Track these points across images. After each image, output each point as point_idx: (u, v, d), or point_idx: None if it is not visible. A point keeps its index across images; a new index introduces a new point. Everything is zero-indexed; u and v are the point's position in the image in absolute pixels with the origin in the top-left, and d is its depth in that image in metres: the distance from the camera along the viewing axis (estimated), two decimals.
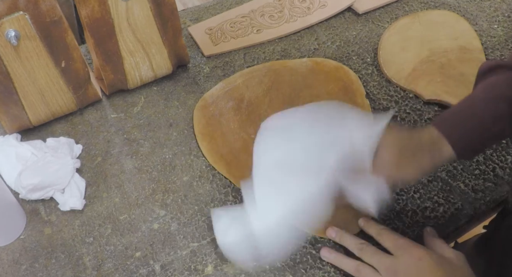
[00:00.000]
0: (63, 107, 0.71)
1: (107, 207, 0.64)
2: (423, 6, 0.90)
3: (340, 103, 0.62)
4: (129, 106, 0.75)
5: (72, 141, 0.69)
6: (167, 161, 0.69)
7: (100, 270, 0.58)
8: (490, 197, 0.65)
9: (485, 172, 0.67)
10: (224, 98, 0.75)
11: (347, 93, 0.75)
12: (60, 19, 0.63)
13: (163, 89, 0.77)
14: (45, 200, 0.64)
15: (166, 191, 0.65)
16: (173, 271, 0.58)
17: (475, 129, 0.52)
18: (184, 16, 0.89)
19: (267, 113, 0.72)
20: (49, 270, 0.58)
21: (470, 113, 0.53)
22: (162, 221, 0.63)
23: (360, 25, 0.88)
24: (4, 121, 0.68)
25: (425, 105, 0.75)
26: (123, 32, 0.68)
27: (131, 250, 0.60)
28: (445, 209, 0.64)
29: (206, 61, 0.82)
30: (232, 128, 0.71)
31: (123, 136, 0.71)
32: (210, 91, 0.76)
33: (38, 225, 0.62)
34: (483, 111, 0.52)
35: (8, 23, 0.59)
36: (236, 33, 0.85)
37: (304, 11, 0.89)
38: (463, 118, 0.53)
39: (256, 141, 0.62)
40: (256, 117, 0.73)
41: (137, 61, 0.73)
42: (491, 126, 0.52)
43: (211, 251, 0.60)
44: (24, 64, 0.63)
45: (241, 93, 0.76)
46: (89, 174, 0.67)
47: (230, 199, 0.65)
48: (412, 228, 0.62)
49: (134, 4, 0.66)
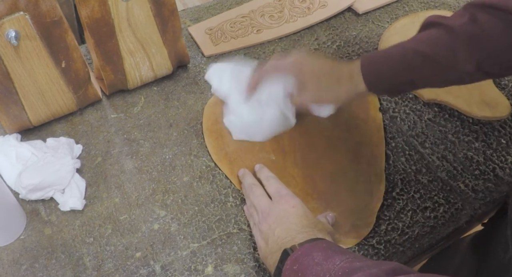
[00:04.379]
0: (63, 107, 0.71)
1: (107, 207, 0.64)
2: (423, 6, 0.90)
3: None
4: (129, 106, 0.75)
5: (72, 141, 0.69)
6: (167, 161, 0.69)
7: (100, 270, 0.58)
8: (490, 197, 0.65)
9: (485, 173, 0.68)
10: None
11: (361, 104, 0.74)
12: (60, 19, 0.63)
13: (163, 89, 0.77)
14: (45, 200, 0.64)
15: (166, 192, 0.65)
16: (173, 272, 0.58)
17: (389, 74, 0.59)
18: (184, 16, 0.89)
19: None
20: (49, 270, 0.58)
21: (390, 59, 0.58)
22: (162, 221, 0.63)
23: (360, 25, 0.88)
24: (4, 121, 0.68)
25: (425, 105, 0.75)
26: (123, 32, 0.68)
27: (131, 251, 0.60)
28: (445, 209, 0.64)
29: (206, 61, 0.82)
30: None
31: (123, 136, 0.71)
32: None
33: (38, 225, 0.62)
34: (399, 60, 0.58)
35: (9, 23, 0.59)
36: (236, 33, 0.85)
37: (304, 11, 0.89)
38: (383, 61, 0.59)
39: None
40: None
41: (137, 61, 0.73)
42: (403, 74, 0.58)
43: (211, 251, 0.60)
44: (24, 64, 0.63)
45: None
46: (89, 174, 0.67)
47: (230, 200, 0.65)
48: (412, 228, 0.62)
49: (134, 4, 0.66)
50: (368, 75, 0.59)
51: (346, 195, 0.64)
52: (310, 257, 0.47)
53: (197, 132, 0.72)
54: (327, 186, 0.65)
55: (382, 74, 0.59)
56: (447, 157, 0.69)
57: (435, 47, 0.55)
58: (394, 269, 0.42)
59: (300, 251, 0.49)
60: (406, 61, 0.57)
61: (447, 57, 0.55)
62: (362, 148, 0.69)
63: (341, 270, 0.44)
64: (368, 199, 0.64)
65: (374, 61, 0.59)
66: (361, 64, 0.60)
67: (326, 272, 0.44)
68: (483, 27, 0.53)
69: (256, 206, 0.58)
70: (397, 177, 0.67)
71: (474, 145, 0.70)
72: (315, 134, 0.71)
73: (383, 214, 0.63)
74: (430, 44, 0.56)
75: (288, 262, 0.49)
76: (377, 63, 0.59)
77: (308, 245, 0.49)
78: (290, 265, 0.48)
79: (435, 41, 0.56)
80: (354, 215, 0.62)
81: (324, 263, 0.46)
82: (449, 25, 0.55)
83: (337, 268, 0.44)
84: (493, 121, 0.73)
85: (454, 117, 0.74)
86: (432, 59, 0.56)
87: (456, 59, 0.54)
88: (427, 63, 0.56)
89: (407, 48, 0.57)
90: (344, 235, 0.61)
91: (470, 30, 0.53)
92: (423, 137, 0.71)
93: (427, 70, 0.57)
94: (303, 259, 0.47)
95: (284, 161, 0.68)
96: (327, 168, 0.67)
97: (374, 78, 0.59)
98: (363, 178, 0.66)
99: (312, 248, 0.49)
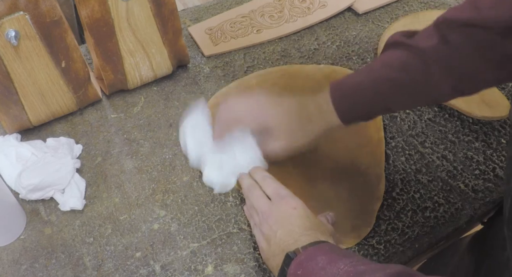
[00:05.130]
0: (63, 107, 0.71)
1: (107, 207, 0.64)
2: (423, 6, 0.90)
3: None
4: (129, 106, 0.75)
5: (72, 141, 0.69)
6: (167, 161, 0.69)
7: (100, 270, 0.58)
8: (490, 197, 0.65)
9: (485, 172, 0.68)
10: None
11: None
12: (60, 19, 0.63)
13: (163, 89, 0.77)
14: (45, 200, 0.64)
15: (166, 192, 0.65)
16: (173, 272, 0.58)
17: (364, 106, 0.57)
18: (184, 16, 0.89)
19: None
20: (49, 270, 0.58)
21: (363, 91, 0.56)
22: (162, 221, 0.63)
23: (360, 25, 0.88)
24: (4, 121, 0.68)
25: (425, 105, 0.75)
26: (123, 32, 0.68)
27: (131, 250, 0.60)
28: (445, 209, 0.64)
29: (206, 61, 0.82)
30: None
31: (123, 136, 0.71)
32: (223, 89, 0.76)
33: (38, 225, 0.62)
34: (373, 91, 0.56)
35: (8, 23, 0.59)
36: (236, 33, 0.85)
37: (304, 11, 0.89)
38: (356, 94, 0.57)
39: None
40: None
41: (137, 61, 0.73)
42: (378, 104, 0.57)
43: (211, 251, 0.60)
44: (24, 64, 0.63)
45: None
46: (89, 174, 0.67)
47: (230, 200, 0.65)
48: (412, 228, 0.62)
49: (134, 4, 0.66)
50: (342, 110, 0.57)
51: (346, 195, 0.64)
52: (314, 262, 0.47)
53: None
54: (327, 186, 0.65)
55: (356, 107, 0.57)
56: (447, 157, 0.69)
57: (408, 73, 0.54)
58: (399, 273, 0.41)
59: (303, 255, 0.48)
60: (380, 92, 0.56)
61: (422, 83, 0.54)
62: (362, 148, 0.69)
63: (346, 274, 0.43)
64: (368, 199, 0.64)
65: (346, 94, 0.57)
66: (332, 98, 0.57)
67: (331, 276, 0.44)
68: (455, 49, 0.51)
69: (255, 207, 0.58)
70: (397, 177, 0.67)
71: (474, 145, 0.70)
72: None
73: (383, 214, 0.63)
74: (402, 70, 0.54)
75: (292, 267, 0.48)
76: (349, 97, 0.57)
77: (312, 249, 0.49)
78: (294, 269, 0.48)
79: (406, 67, 0.54)
80: (354, 215, 0.62)
81: (328, 267, 0.45)
82: (418, 48, 0.53)
83: (342, 272, 0.44)
84: (493, 121, 0.73)
85: (454, 117, 0.74)
86: (406, 85, 0.54)
87: (431, 83, 0.53)
88: (402, 91, 0.55)
89: (379, 77, 0.55)
90: (344, 235, 0.61)
91: (442, 53, 0.52)
92: (423, 137, 0.71)
93: (402, 97, 0.56)
94: (307, 264, 0.47)
95: (284, 161, 0.68)
96: (327, 168, 0.67)
97: (348, 112, 0.58)
98: (363, 178, 0.66)
99: (315, 251, 0.48)
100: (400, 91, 0.55)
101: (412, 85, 0.54)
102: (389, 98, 0.56)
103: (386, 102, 0.57)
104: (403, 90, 0.55)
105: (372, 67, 0.57)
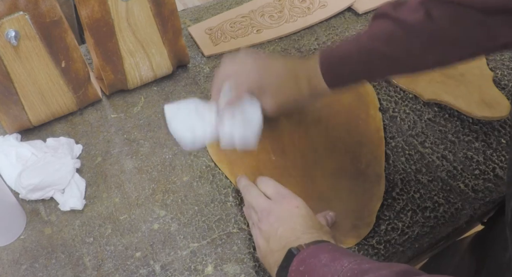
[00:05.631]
0: (63, 107, 0.71)
1: (107, 207, 0.64)
2: None
3: None
4: (129, 106, 0.75)
5: (72, 141, 0.69)
6: (167, 161, 0.69)
7: (100, 270, 0.58)
8: (490, 197, 0.65)
9: (485, 172, 0.68)
10: None
11: (361, 104, 0.74)
12: (60, 19, 0.63)
13: (163, 89, 0.77)
14: (45, 200, 0.64)
15: (166, 192, 0.65)
16: (173, 271, 0.58)
17: (349, 74, 0.60)
18: (184, 16, 0.89)
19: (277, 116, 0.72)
20: (49, 270, 0.58)
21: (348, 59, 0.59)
22: (162, 221, 0.63)
23: (360, 25, 0.88)
24: (4, 121, 0.68)
25: (425, 105, 0.75)
26: (123, 32, 0.68)
27: (131, 250, 0.60)
28: (445, 209, 0.64)
29: (206, 61, 0.82)
30: None
31: (123, 136, 0.71)
32: None
33: (38, 225, 0.62)
34: (358, 61, 0.58)
35: (8, 23, 0.59)
36: (236, 33, 0.85)
37: (304, 11, 0.89)
38: (342, 62, 0.59)
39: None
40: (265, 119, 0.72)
41: (137, 61, 0.73)
42: (362, 73, 0.60)
43: (211, 251, 0.60)
44: (24, 64, 0.63)
45: None
46: (89, 174, 0.67)
47: (230, 200, 0.65)
48: (412, 228, 0.62)
49: (134, 4, 0.66)
50: (328, 76, 0.60)
51: (346, 195, 0.64)
52: (317, 259, 0.46)
53: None
54: (327, 186, 0.65)
55: (342, 74, 0.60)
56: (447, 157, 0.69)
57: (391, 45, 0.56)
58: (405, 271, 0.41)
59: (306, 252, 0.48)
60: (365, 61, 0.58)
61: (404, 55, 0.56)
62: (362, 148, 0.69)
63: (350, 272, 0.43)
64: (368, 199, 0.64)
65: (333, 62, 0.60)
66: (320, 65, 0.60)
67: (334, 273, 0.44)
68: (438, 25, 0.53)
69: (254, 206, 0.58)
70: (397, 177, 0.67)
71: (474, 145, 0.70)
72: (315, 134, 0.71)
73: (383, 214, 0.63)
74: (387, 42, 0.56)
75: (295, 263, 0.48)
76: (336, 65, 0.60)
77: (314, 247, 0.49)
78: (297, 266, 0.48)
79: (391, 38, 0.56)
80: (354, 215, 0.62)
81: (331, 265, 0.45)
82: (403, 21, 0.55)
83: (346, 269, 0.44)
84: (493, 121, 0.73)
85: (454, 117, 0.74)
86: (389, 57, 0.56)
87: (412, 56, 0.56)
88: (386, 62, 0.57)
89: (365, 47, 0.58)
90: (344, 235, 0.61)
91: (426, 27, 0.53)
92: (423, 137, 0.71)
93: (386, 68, 0.59)
94: (309, 260, 0.47)
95: (284, 161, 0.68)
96: (327, 168, 0.67)
97: (334, 78, 0.60)
98: (363, 178, 0.66)
99: (318, 249, 0.48)
100: (384, 62, 0.58)
101: (395, 56, 0.56)
102: (372, 67, 0.59)
103: (369, 71, 0.60)
104: (387, 61, 0.57)
105: (359, 38, 0.59)
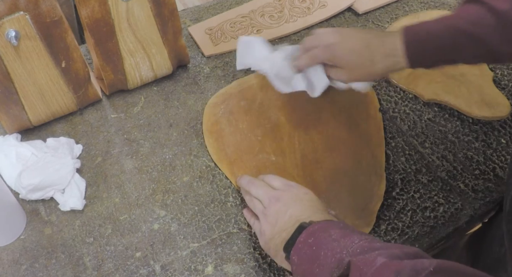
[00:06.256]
0: (63, 107, 0.71)
1: (107, 207, 0.64)
2: (423, 6, 0.90)
3: None
4: (129, 106, 0.75)
5: (72, 141, 0.69)
6: (167, 161, 0.69)
7: (100, 270, 0.58)
8: (490, 197, 0.65)
9: (485, 172, 0.68)
10: (237, 97, 0.75)
11: (361, 104, 0.74)
12: (60, 19, 0.63)
13: (163, 89, 0.77)
14: (45, 200, 0.64)
15: (166, 192, 0.65)
16: (173, 272, 0.58)
17: (434, 54, 0.58)
18: (184, 16, 0.89)
19: (277, 117, 0.72)
20: (49, 270, 0.58)
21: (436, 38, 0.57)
22: (162, 221, 0.63)
23: (360, 25, 0.88)
24: (4, 121, 0.68)
25: (425, 105, 0.75)
26: (123, 32, 0.68)
27: (131, 251, 0.60)
28: (445, 209, 0.64)
29: (206, 61, 0.82)
30: (241, 128, 0.71)
31: (123, 136, 0.71)
32: (224, 89, 0.76)
33: (38, 225, 0.62)
34: (446, 41, 0.57)
35: (9, 23, 0.59)
36: (236, 33, 0.85)
37: (304, 11, 0.89)
38: (429, 41, 0.57)
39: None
40: (265, 119, 0.72)
41: (137, 61, 0.73)
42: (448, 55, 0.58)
43: (211, 251, 0.60)
44: (24, 64, 0.63)
45: (254, 94, 0.75)
46: (89, 174, 0.67)
47: (230, 200, 0.65)
48: (412, 228, 0.62)
49: (134, 4, 0.66)
50: (412, 53, 0.58)
51: (346, 195, 0.64)
52: (327, 233, 0.46)
53: (197, 132, 0.72)
54: (327, 186, 0.65)
55: (426, 53, 0.58)
56: (447, 157, 0.69)
57: (481, 28, 0.55)
58: (415, 253, 0.41)
59: (317, 225, 0.48)
60: (452, 42, 0.56)
61: (491, 40, 0.55)
62: (362, 148, 0.69)
63: (360, 248, 0.43)
64: (368, 199, 0.64)
65: (419, 39, 0.58)
66: (405, 42, 0.58)
67: (343, 248, 0.44)
68: None
69: (260, 195, 0.58)
70: (397, 177, 0.67)
71: (474, 145, 0.70)
72: (315, 134, 0.71)
73: (383, 214, 0.63)
74: (477, 24, 0.55)
75: (304, 235, 0.48)
76: (422, 42, 0.58)
77: (325, 222, 0.49)
78: (305, 238, 0.48)
79: (481, 21, 0.55)
80: (354, 214, 0.62)
81: (341, 240, 0.45)
82: (495, 8, 0.54)
83: (356, 246, 0.44)
84: (493, 121, 0.73)
85: (454, 117, 0.74)
86: (477, 39, 0.55)
87: (499, 42, 0.55)
88: (472, 43, 0.56)
89: (453, 26, 0.56)
90: None
91: None
92: (423, 137, 0.71)
93: (471, 51, 0.57)
94: (319, 234, 0.47)
95: (284, 161, 0.68)
96: (327, 168, 0.67)
97: (418, 56, 0.58)
98: (363, 178, 0.66)
99: (329, 225, 0.48)
100: (471, 44, 0.56)
101: (482, 39, 0.55)
102: (457, 48, 0.57)
103: (455, 54, 0.58)
104: (474, 44, 0.56)
105: (447, 17, 0.58)
